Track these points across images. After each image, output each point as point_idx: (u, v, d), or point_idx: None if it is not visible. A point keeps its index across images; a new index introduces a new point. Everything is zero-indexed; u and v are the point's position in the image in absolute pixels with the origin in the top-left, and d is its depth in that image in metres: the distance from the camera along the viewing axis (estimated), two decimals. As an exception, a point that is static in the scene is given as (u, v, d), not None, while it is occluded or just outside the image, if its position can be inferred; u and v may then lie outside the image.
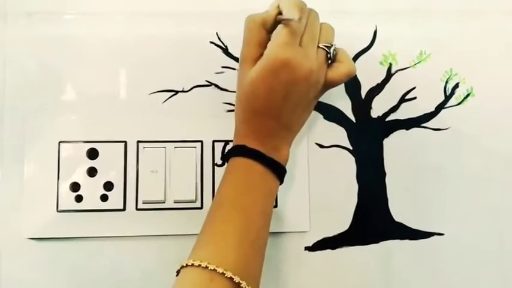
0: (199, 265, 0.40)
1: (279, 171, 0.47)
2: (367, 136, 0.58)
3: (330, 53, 0.47)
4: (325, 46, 0.47)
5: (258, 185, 0.46)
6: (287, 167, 0.48)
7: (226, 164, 0.48)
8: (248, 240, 0.43)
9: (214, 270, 0.40)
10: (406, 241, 0.57)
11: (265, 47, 0.45)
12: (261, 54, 0.45)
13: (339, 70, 0.48)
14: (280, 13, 0.46)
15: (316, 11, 0.48)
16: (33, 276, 0.53)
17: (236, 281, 0.40)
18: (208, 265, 0.40)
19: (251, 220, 0.44)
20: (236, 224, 0.44)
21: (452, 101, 0.59)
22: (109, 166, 0.54)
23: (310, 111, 0.50)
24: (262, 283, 0.45)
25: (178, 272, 0.42)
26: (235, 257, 0.42)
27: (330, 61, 0.47)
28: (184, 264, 0.41)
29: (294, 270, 0.55)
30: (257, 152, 0.46)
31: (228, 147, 0.54)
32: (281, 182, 0.48)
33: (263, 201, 0.46)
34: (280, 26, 0.44)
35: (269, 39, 0.46)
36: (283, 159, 0.48)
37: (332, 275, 0.56)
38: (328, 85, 0.48)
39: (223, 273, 0.40)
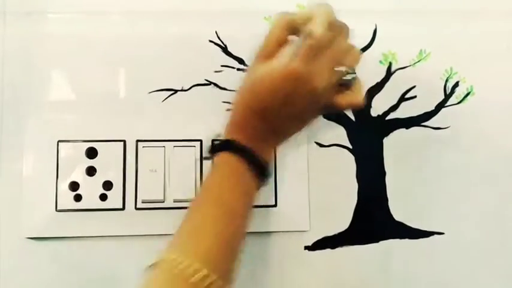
0: (172, 262, 0.39)
1: (264, 173, 0.47)
2: (367, 135, 0.58)
3: (345, 79, 0.45)
4: (342, 70, 0.45)
5: (242, 184, 0.45)
6: (286, 166, 0.48)
7: (213, 157, 0.47)
8: (225, 237, 0.43)
9: (188, 266, 0.39)
10: (406, 240, 0.57)
11: (282, 47, 0.44)
12: (274, 53, 0.45)
13: (346, 97, 0.47)
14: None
15: (347, 29, 0.46)
16: (32, 275, 0.53)
17: (205, 274, 0.39)
18: (181, 263, 0.39)
19: (230, 217, 0.44)
20: (215, 220, 0.43)
21: (452, 99, 0.58)
22: (108, 165, 0.53)
23: (304, 126, 0.49)
24: (262, 282, 0.45)
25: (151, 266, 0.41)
26: (211, 253, 0.41)
27: (342, 85, 0.46)
28: (158, 260, 0.40)
29: (293, 269, 0.55)
30: (247, 151, 0.45)
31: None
32: (264, 184, 0.47)
33: (245, 201, 0.45)
34: (302, 37, 0.43)
35: (286, 41, 0.45)
36: (267, 160, 0.47)
37: (332, 274, 0.56)
38: (331, 108, 0.47)
39: (197, 270, 0.39)
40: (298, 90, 0.44)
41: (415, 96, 0.58)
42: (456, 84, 0.59)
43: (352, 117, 0.57)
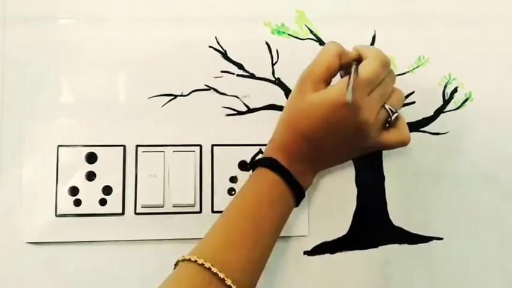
0: (202, 264, 0.40)
1: (299, 195, 0.48)
2: (366, 140, 0.58)
3: (391, 117, 0.47)
4: (390, 109, 0.47)
5: (277, 203, 0.46)
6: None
7: (252, 170, 0.49)
8: (255, 253, 0.44)
9: (216, 274, 0.40)
10: (405, 245, 0.57)
11: (331, 74, 0.47)
12: (325, 78, 0.46)
13: (394, 135, 0.49)
14: (358, 59, 0.47)
15: (394, 74, 0.49)
16: (32, 280, 0.53)
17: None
18: (211, 267, 0.40)
19: (262, 235, 0.45)
20: (248, 235, 0.44)
21: (451, 105, 0.59)
22: (108, 170, 0.53)
23: (346, 159, 0.52)
24: (261, 287, 0.45)
25: (177, 263, 0.42)
26: (239, 267, 0.42)
27: (387, 125, 0.48)
28: (187, 258, 0.41)
29: (292, 274, 0.55)
30: (287, 172, 0.46)
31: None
32: (297, 205, 0.49)
33: (277, 220, 0.47)
34: (354, 70, 0.44)
35: (338, 71, 0.47)
36: (306, 185, 0.49)
37: (331, 279, 0.56)
38: (380, 146, 0.49)
39: (223, 279, 0.40)
40: (348, 121, 0.45)
41: (413, 102, 0.58)
42: (455, 90, 0.59)
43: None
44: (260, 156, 0.51)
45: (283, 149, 0.47)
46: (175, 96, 0.56)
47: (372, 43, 0.58)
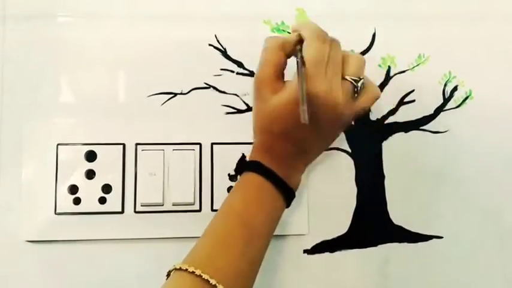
0: (193, 272, 0.40)
1: (288, 195, 0.47)
2: (366, 139, 0.58)
3: (357, 87, 0.46)
4: (352, 79, 0.46)
5: (266, 205, 0.46)
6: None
7: (239, 176, 0.48)
8: (246, 257, 0.43)
9: (207, 280, 0.39)
10: (405, 244, 0.57)
11: (281, 69, 0.46)
12: (277, 76, 0.45)
13: (366, 98, 0.47)
14: (300, 40, 0.46)
15: (338, 41, 0.47)
16: (31, 278, 0.53)
17: None
18: (202, 274, 0.40)
19: (253, 238, 0.44)
20: (238, 239, 0.43)
21: (451, 103, 0.59)
22: (107, 168, 0.53)
23: (331, 141, 0.50)
24: (261, 285, 0.45)
25: (169, 273, 0.42)
26: (231, 272, 0.42)
27: (356, 94, 0.46)
28: (178, 267, 0.41)
29: (292, 273, 0.55)
30: (271, 173, 0.46)
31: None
32: (288, 205, 0.48)
33: (268, 222, 0.46)
34: (299, 58, 0.44)
35: (286, 63, 0.46)
36: (295, 184, 0.49)
37: (331, 278, 0.56)
38: (357, 114, 0.48)
39: (215, 286, 0.39)
40: (321, 111, 0.44)
41: (413, 100, 0.58)
42: (455, 88, 0.59)
43: (352, 121, 0.58)
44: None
45: (265, 152, 0.47)
46: (175, 94, 0.56)
47: (372, 41, 0.58)
